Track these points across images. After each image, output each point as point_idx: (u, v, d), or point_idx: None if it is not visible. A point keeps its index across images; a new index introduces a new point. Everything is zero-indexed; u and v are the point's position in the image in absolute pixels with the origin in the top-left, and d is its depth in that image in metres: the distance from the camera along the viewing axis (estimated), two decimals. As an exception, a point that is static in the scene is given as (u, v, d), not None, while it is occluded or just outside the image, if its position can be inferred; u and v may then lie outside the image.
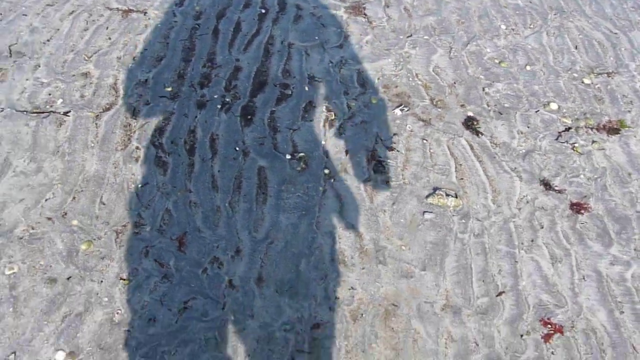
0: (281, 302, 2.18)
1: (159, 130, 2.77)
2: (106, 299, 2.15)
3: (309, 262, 2.31)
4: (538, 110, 3.09)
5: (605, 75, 3.35)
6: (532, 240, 2.47)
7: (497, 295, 2.28)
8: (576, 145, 2.92)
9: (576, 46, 3.54)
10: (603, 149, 2.92)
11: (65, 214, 2.40)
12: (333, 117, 2.92)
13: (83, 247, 2.28)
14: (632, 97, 3.22)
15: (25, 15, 3.34)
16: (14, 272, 2.19)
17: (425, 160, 2.75)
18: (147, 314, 2.11)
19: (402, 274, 2.31)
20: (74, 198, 2.46)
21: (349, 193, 2.57)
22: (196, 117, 2.85)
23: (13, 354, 1.98)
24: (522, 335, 2.16)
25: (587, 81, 3.31)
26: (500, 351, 2.11)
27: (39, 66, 3.05)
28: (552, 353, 2.12)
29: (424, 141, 2.85)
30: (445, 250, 2.40)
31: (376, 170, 2.69)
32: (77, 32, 3.27)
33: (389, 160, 2.73)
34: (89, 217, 2.39)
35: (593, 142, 2.95)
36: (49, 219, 2.38)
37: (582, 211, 2.61)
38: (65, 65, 3.06)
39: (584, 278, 2.36)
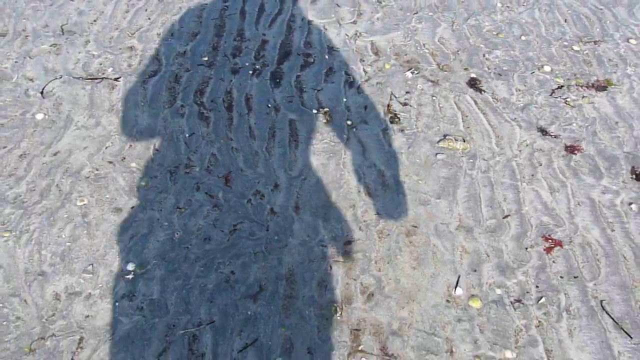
0: (317, 225, 2.46)
1: (200, 92, 3.07)
2: (166, 224, 2.43)
3: (339, 194, 2.59)
4: (533, 72, 3.39)
5: (593, 43, 3.65)
6: (532, 175, 2.75)
7: (503, 218, 2.56)
8: (568, 99, 3.21)
9: (565, 20, 3.85)
10: (592, 102, 3.21)
11: (124, 158, 2.69)
12: (352, 80, 3.22)
13: (142, 183, 2.57)
14: (617, 60, 3.52)
15: (72, 0, 3.65)
16: (84, 204, 2.47)
17: (436, 113, 3.05)
18: (203, 234, 2.39)
19: (420, 202, 2.59)
20: (130, 146, 2.75)
21: (370, 139, 2.86)
22: (231, 81, 3.15)
23: (91, 265, 2.26)
24: (526, 248, 2.43)
25: (576, 48, 3.61)
26: (509, 261, 2.38)
27: (89, 42, 3.35)
28: (554, 262, 2.39)
29: (434, 98, 3.14)
30: (456, 183, 2.69)
31: (392, 121, 2.98)
32: (119, 14, 3.58)
33: (403, 113, 3.02)
34: (145, 160, 2.68)
35: (583, 97, 3.24)
36: (110, 162, 2.66)
37: (576, 152, 2.90)
38: (112, 40, 3.37)
39: (579, 204, 2.64)
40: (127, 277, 2.22)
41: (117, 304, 2.14)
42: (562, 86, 3.30)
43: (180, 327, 2.08)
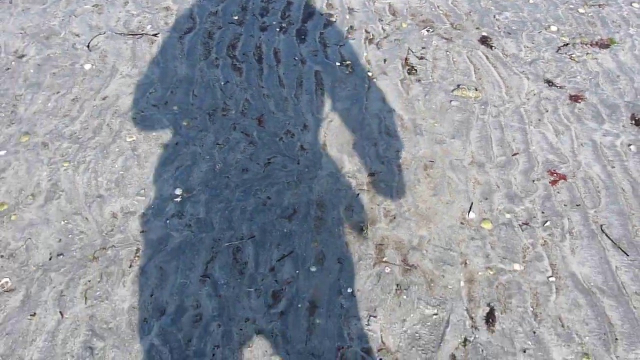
0: (342, 159, 2.67)
1: (232, 46, 3.27)
2: (207, 157, 2.64)
3: (362, 134, 2.79)
4: (540, 32, 3.55)
5: (597, 6, 3.80)
6: (539, 120, 2.93)
7: (512, 155, 2.74)
8: (573, 56, 3.38)
9: (571, -15, 3.99)
10: (596, 58, 3.37)
11: (167, 102, 2.90)
12: (371, 37, 3.40)
13: (184, 123, 2.78)
14: (620, 22, 3.67)
15: (110, -34, 3.84)
16: (133, 140, 2.69)
17: (450, 66, 3.22)
18: (241, 166, 2.60)
19: (436, 141, 2.78)
20: (171, 92, 2.95)
21: (389, 88, 3.05)
22: (260, 37, 3.34)
23: (143, 190, 2.47)
24: (533, 181, 2.62)
25: (581, 10, 3.76)
26: (517, 191, 2.58)
27: (128, 2, 3.55)
28: (558, 192, 2.58)
29: (448, 53, 3.32)
30: (469, 126, 2.88)
31: (410, 72, 3.16)
32: (154, -22, 3.77)
33: (420, 66, 3.21)
34: (186, 104, 2.89)
35: (587, 54, 3.40)
36: (154, 105, 2.87)
37: (579, 100, 3.07)
38: (149, 1, 3.57)
39: (582, 145, 2.82)
40: (176, 199, 2.44)
41: (167, 221, 2.36)
42: (567, 44, 3.46)
43: (224, 240, 2.30)
